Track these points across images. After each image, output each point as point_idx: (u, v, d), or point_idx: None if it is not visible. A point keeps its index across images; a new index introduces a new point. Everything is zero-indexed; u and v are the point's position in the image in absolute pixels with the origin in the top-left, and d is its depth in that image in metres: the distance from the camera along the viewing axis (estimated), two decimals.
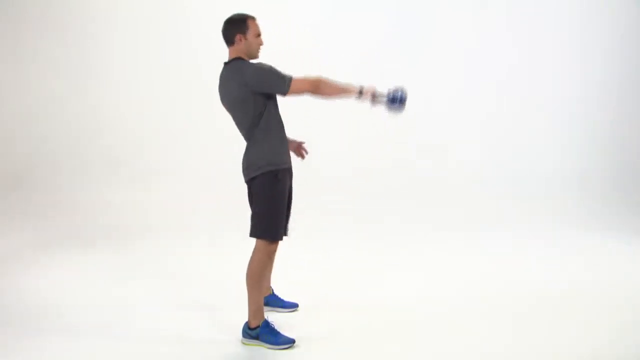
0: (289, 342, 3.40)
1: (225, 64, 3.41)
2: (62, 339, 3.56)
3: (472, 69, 7.32)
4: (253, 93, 3.28)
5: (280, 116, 3.44)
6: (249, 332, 3.44)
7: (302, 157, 3.77)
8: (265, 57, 3.44)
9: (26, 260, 5.08)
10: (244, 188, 3.56)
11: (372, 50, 7.19)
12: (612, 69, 7.35)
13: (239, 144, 3.51)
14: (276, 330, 3.43)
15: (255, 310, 3.42)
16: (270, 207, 3.36)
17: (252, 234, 3.41)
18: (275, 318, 3.66)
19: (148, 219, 6.32)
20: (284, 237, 3.55)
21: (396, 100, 3.39)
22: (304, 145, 3.79)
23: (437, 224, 6.15)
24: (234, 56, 3.39)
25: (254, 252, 3.43)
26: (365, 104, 3.44)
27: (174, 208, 6.58)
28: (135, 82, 7.26)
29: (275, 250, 3.46)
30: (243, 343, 3.46)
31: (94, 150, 7.21)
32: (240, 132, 3.45)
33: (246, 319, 3.48)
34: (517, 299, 4.15)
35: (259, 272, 3.40)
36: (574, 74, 7.37)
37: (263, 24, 3.51)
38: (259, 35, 3.41)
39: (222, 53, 3.51)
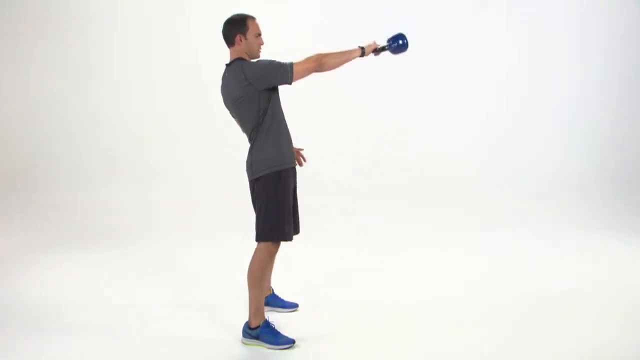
0: (289, 342, 3.40)
1: (227, 65, 3.41)
2: (62, 339, 3.56)
3: (472, 69, 7.32)
4: (257, 91, 3.29)
5: (283, 115, 3.44)
6: (250, 332, 3.44)
7: (300, 164, 3.74)
8: (266, 57, 3.44)
9: (26, 260, 5.08)
10: (244, 188, 3.56)
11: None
12: (612, 69, 7.34)
13: (239, 144, 3.52)
14: (276, 330, 3.43)
15: (255, 309, 3.42)
16: (274, 208, 3.36)
17: (258, 238, 3.41)
18: (275, 318, 3.67)
19: (148, 219, 6.32)
20: (295, 236, 3.54)
21: (397, 44, 3.51)
22: (302, 152, 3.78)
23: (437, 224, 6.14)
24: (234, 57, 3.39)
25: (255, 252, 3.43)
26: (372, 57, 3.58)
27: (174, 208, 6.59)
28: (135, 82, 7.26)
29: (277, 251, 3.46)
30: (243, 343, 3.46)
31: (94, 150, 7.21)
32: (245, 132, 3.45)
33: (246, 319, 3.48)
34: (517, 299, 4.15)
35: (260, 271, 3.40)
36: (574, 74, 7.37)
37: (263, 24, 3.51)
38: (259, 35, 3.42)
39: (222, 53, 3.51)
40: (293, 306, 3.96)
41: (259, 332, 3.41)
